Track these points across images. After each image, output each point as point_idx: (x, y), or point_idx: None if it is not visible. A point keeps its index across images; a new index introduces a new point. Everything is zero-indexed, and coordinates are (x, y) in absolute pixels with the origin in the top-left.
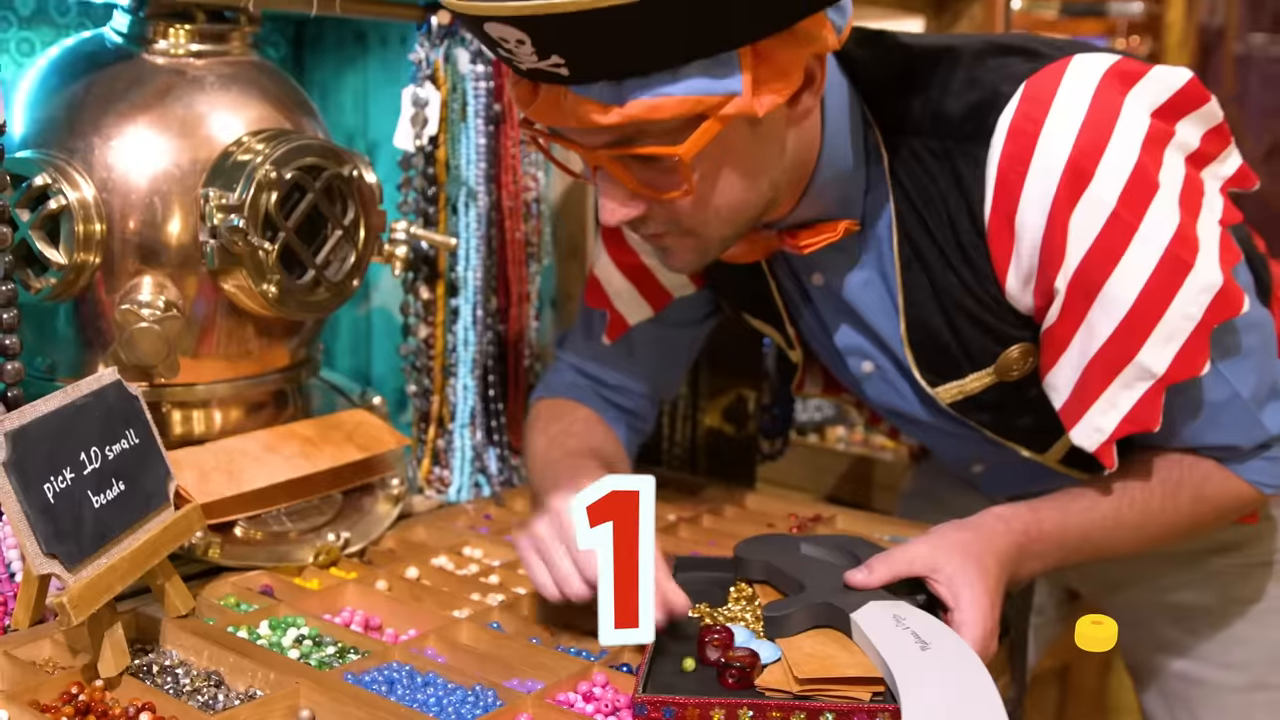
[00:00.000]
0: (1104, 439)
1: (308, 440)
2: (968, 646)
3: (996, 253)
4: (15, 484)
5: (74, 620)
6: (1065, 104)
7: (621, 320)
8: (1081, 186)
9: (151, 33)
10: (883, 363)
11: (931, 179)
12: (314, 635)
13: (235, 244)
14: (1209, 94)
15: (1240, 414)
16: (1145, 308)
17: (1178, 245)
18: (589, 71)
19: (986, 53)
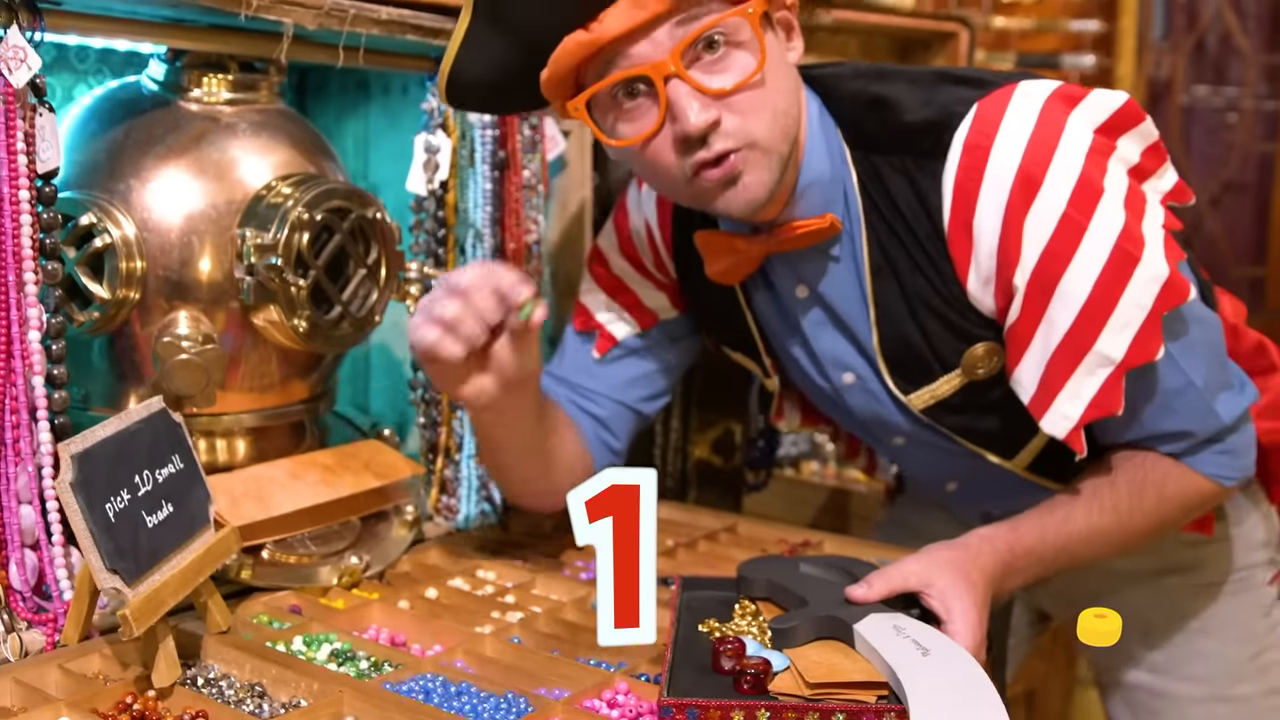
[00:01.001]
0: (1072, 425)
1: (328, 469)
2: (966, 652)
3: (957, 257)
4: (82, 503)
5: (135, 632)
6: (1014, 121)
7: (610, 336)
8: (1033, 193)
9: (186, 81)
10: (863, 372)
11: (895, 192)
12: (347, 650)
13: (272, 281)
14: (1145, 114)
15: (1194, 401)
16: (1100, 299)
17: (1125, 241)
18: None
19: (940, 79)
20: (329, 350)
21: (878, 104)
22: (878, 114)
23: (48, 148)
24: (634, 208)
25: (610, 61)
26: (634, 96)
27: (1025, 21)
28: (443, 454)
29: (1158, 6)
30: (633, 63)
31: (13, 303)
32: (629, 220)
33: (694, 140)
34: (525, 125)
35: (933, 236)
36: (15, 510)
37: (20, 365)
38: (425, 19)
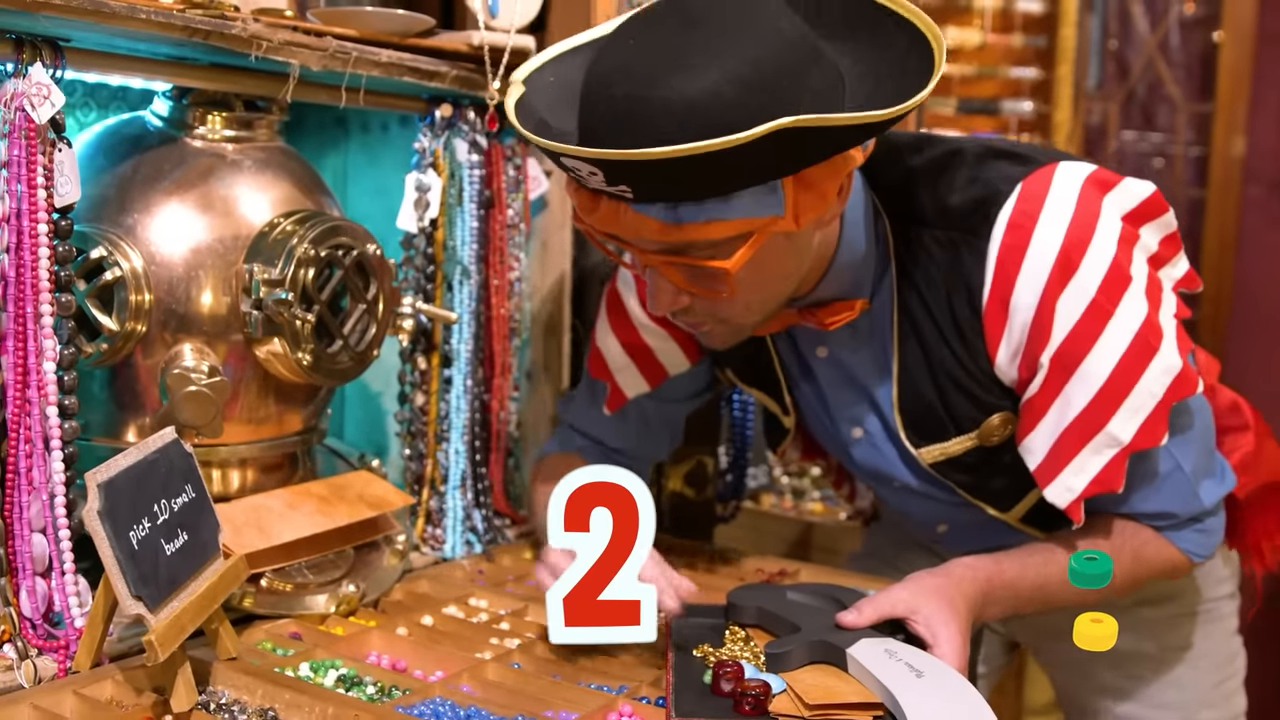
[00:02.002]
0: (1074, 497)
1: (323, 499)
2: (958, 673)
3: (990, 329)
4: (108, 531)
5: (160, 657)
6: (1056, 203)
7: (620, 393)
8: (1069, 275)
9: (192, 118)
10: (873, 428)
11: (934, 263)
12: (353, 675)
13: (280, 315)
14: (1168, 206)
15: (1181, 486)
16: (1117, 383)
17: (1146, 331)
18: (651, 196)
19: (984, 156)
20: (330, 383)
21: (926, 180)
22: (927, 190)
23: (66, 182)
24: None
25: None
26: None
27: (967, 68)
28: (428, 485)
29: (1093, 55)
30: (621, 234)
31: (30, 334)
32: None
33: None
34: (509, 166)
35: (968, 311)
36: (28, 538)
37: (37, 396)
38: (422, 62)
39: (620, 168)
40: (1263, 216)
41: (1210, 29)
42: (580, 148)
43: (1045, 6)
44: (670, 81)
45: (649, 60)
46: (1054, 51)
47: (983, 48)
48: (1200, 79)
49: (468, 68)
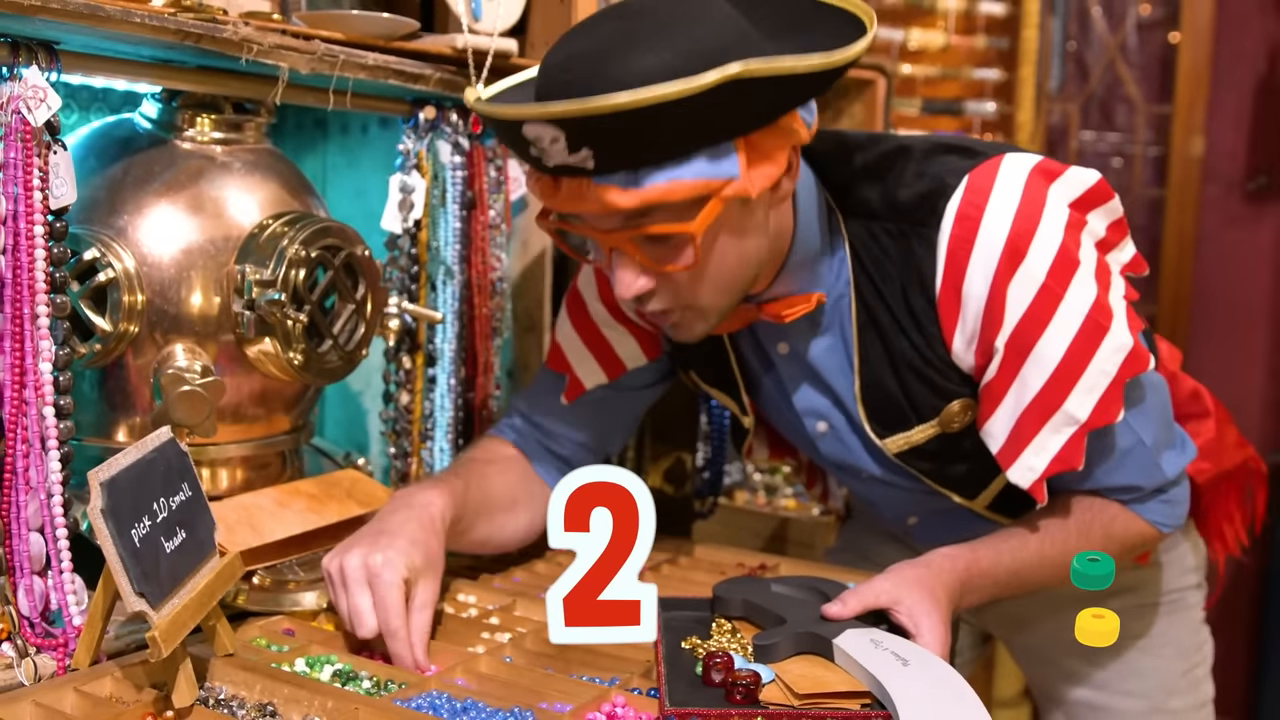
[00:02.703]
0: (1036, 477)
1: (313, 497)
2: (943, 661)
3: (945, 318)
4: (112, 529)
5: (164, 652)
6: (1002, 194)
7: (579, 384)
8: (1017, 262)
9: (181, 121)
10: (837, 422)
11: (887, 256)
12: (349, 670)
13: (272, 315)
14: (1113, 192)
15: (1143, 459)
16: (1070, 364)
17: (1096, 312)
18: (612, 162)
19: (932, 151)
20: (320, 382)
21: (875, 175)
22: (876, 185)
23: (61, 184)
24: None
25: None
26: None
27: (931, 69)
28: (413, 483)
29: (1055, 57)
30: (583, 223)
31: (27, 334)
32: None
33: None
34: (491, 167)
35: (923, 301)
36: (25, 538)
37: (34, 396)
38: (408, 65)
39: (583, 128)
40: (1221, 215)
41: (1168, 30)
42: (545, 105)
43: (1007, 9)
44: (623, 60)
45: (599, 46)
46: (1016, 53)
47: (946, 49)
48: (1159, 80)
49: (450, 70)
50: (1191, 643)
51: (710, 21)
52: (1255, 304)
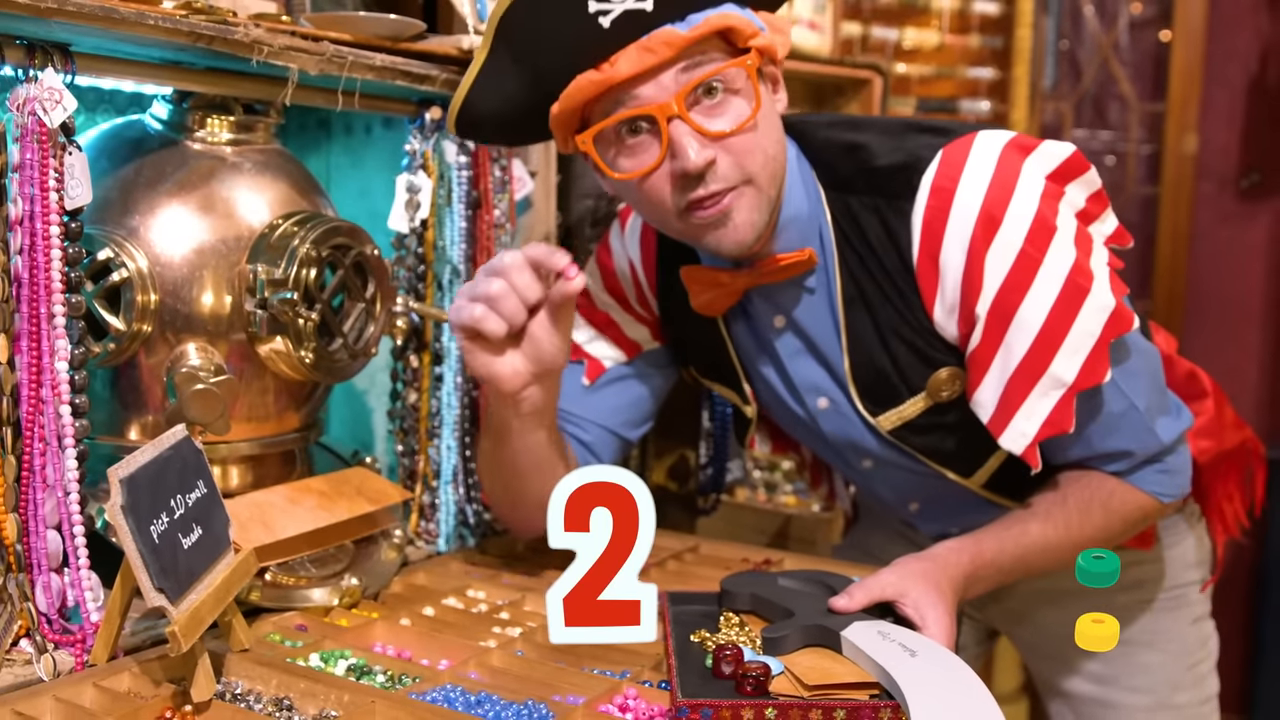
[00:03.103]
0: (1028, 442)
1: (323, 494)
2: (950, 652)
3: (924, 288)
4: (131, 525)
5: (183, 647)
6: (976, 166)
7: (598, 364)
8: (993, 231)
9: (192, 122)
10: (836, 396)
11: (865, 228)
12: (363, 665)
13: (285, 314)
14: (1089, 164)
15: (1136, 422)
16: (1053, 327)
17: (1076, 274)
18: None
19: (907, 129)
20: (330, 380)
21: (851, 149)
22: (851, 158)
23: (77, 185)
24: (617, 246)
25: (618, 101)
26: (637, 134)
27: (925, 68)
28: (421, 480)
29: (1049, 56)
30: (639, 103)
31: (44, 334)
32: (613, 258)
33: (692, 177)
34: (495, 166)
35: (901, 270)
36: (43, 535)
37: (50, 395)
38: (414, 65)
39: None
40: (1215, 212)
41: (1160, 28)
42: None
43: (1002, 8)
44: None
45: None
46: (1010, 52)
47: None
48: (1152, 78)
49: (455, 70)
50: (1196, 638)
51: None
52: (1249, 300)
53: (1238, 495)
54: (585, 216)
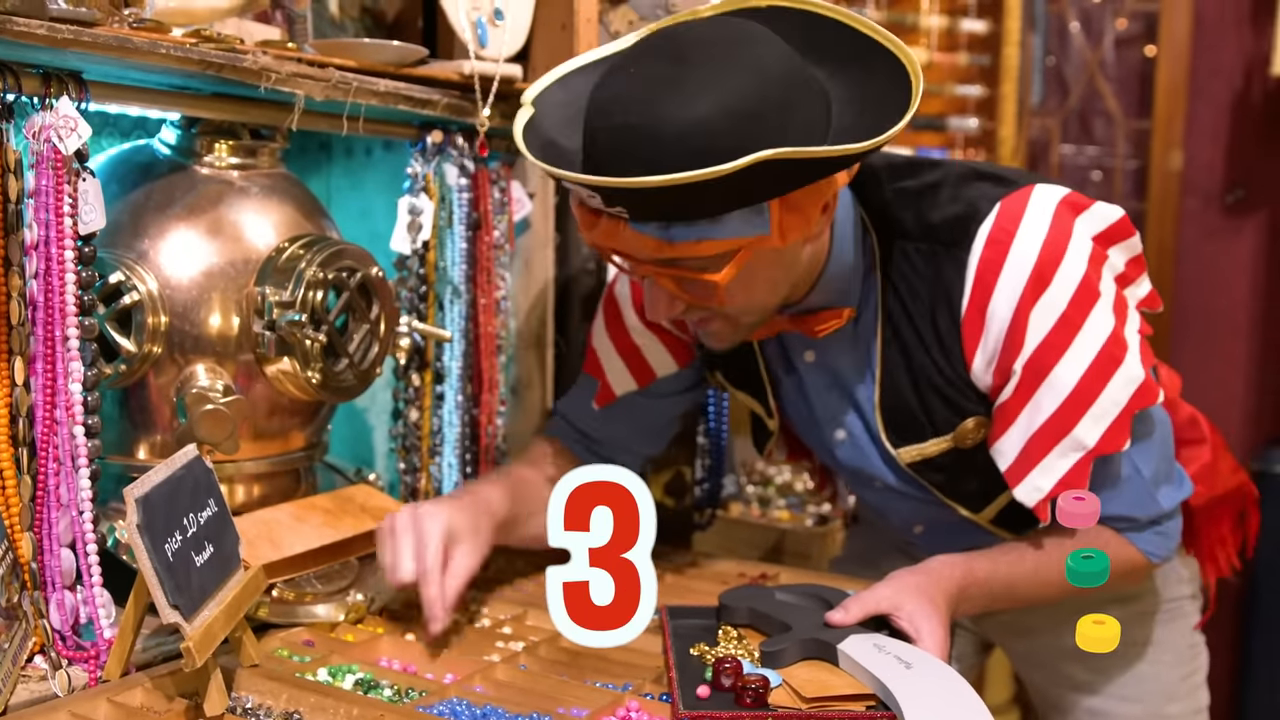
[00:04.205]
0: (1042, 497)
1: (328, 512)
2: (944, 664)
3: (968, 337)
4: (147, 543)
5: (197, 662)
6: (1032, 222)
7: (609, 390)
8: (1042, 288)
9: (200, 147)
10: (856, 430)
11: (918, 275)
12: (370, 679)
13: (293, 335)
14: (1134, 230)
15: (1139, 490)
16: (1083, 391)
17: (1112, 344)
18: (645, 218)
19: (966, 176)
20: (336, 400)
21: (911, 198)
22: (911, 207)
23: (90, 210)
24: None
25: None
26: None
27: None
28: (423, 497)
29: (1036, 73)
30: (620, 249)
31: (58, 356)
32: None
33: None
34: (495, 189)
35: (948, 316)
36: (57, 553)
37: (65, 416)
38: (416, 90)
39: (616, 193)
40: (1200, 228)
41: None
42: (579, 175)
43: (989, 26)
44: (663, 111)
45: (645, 90)
46: (998, 70)
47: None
48: (1137, 94)
49: (457, 95)
50: (1188, 650)
51: (759, 65)
52: (1234, 315)
53: (1230, 539)
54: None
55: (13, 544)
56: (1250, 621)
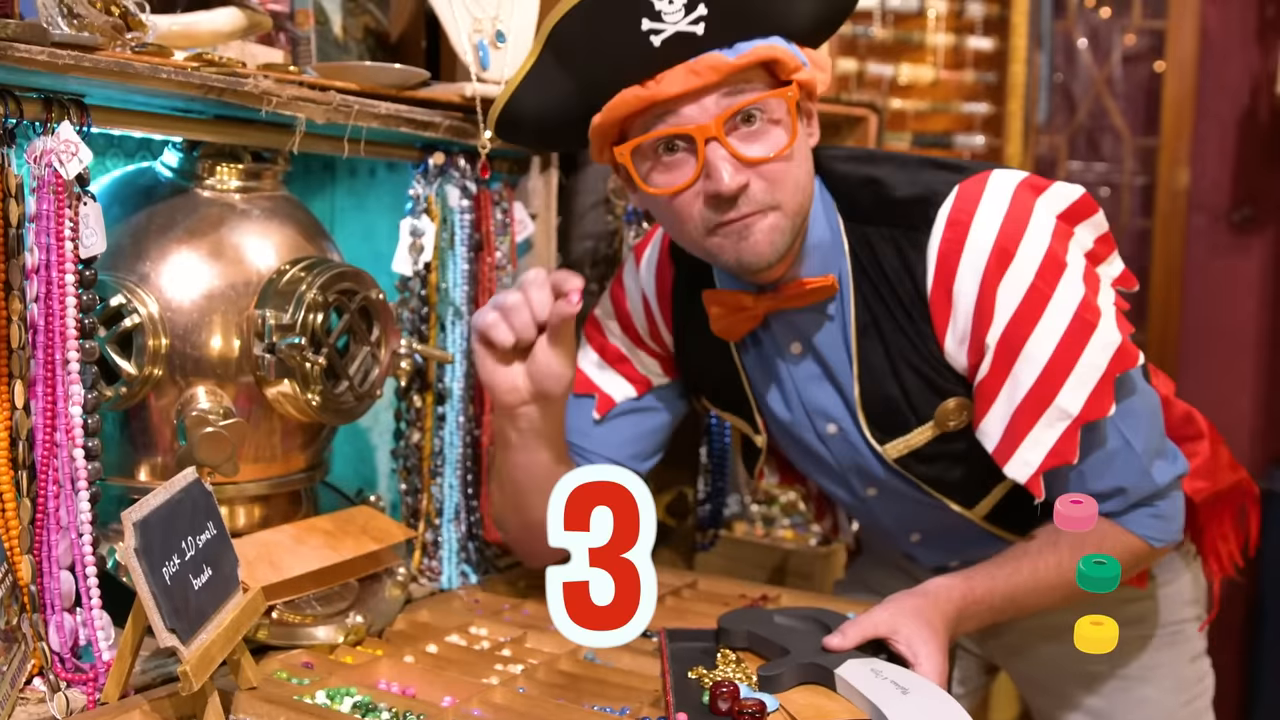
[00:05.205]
0: (1033, 471)
1: (329, 533)
2: (941, 689)
3: (937, 318)
4: (145, 567)
5: (194, 686)
6: (990, 201)
7: (609, 399)
8: (1006, 263)
9: (201, 170)
10: (846, 424)
11: (881, 258)
12: (368, 702)
13: (293, 358)
14: (1098, 206)
15: (1131, 461)
16: (1060, 360)
17: (1084, 310)
18: (719, 25)
19: (922, 164)
20: (336, 422)
21: (870, 182)
22: (870, 190)
23: (91, 234)
24: (630, 283)
25: (659, 117)
26: (673, 151)
27: (921, 103)
28: (424, 519)
29: (1042, 90)
30: (680, 121)
31: (58, 379)
32: (625, 294)
33: (724, 199)
34: (497, 210)
35: (916, 299)
36: (57, 575)
37: (65, 439)
38: (418, 113)
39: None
40: (1207, 245)
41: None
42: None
43: (995, 44)
44: None
45: None
46: (1004, 87)
47: (936, 84)
48: (1144, 112)
49: (459, 117)
50: (1192, 674)
51: None
52: (1242, 332)
53: (1233, 535)
54: (585, 258)
55: (12, 566)
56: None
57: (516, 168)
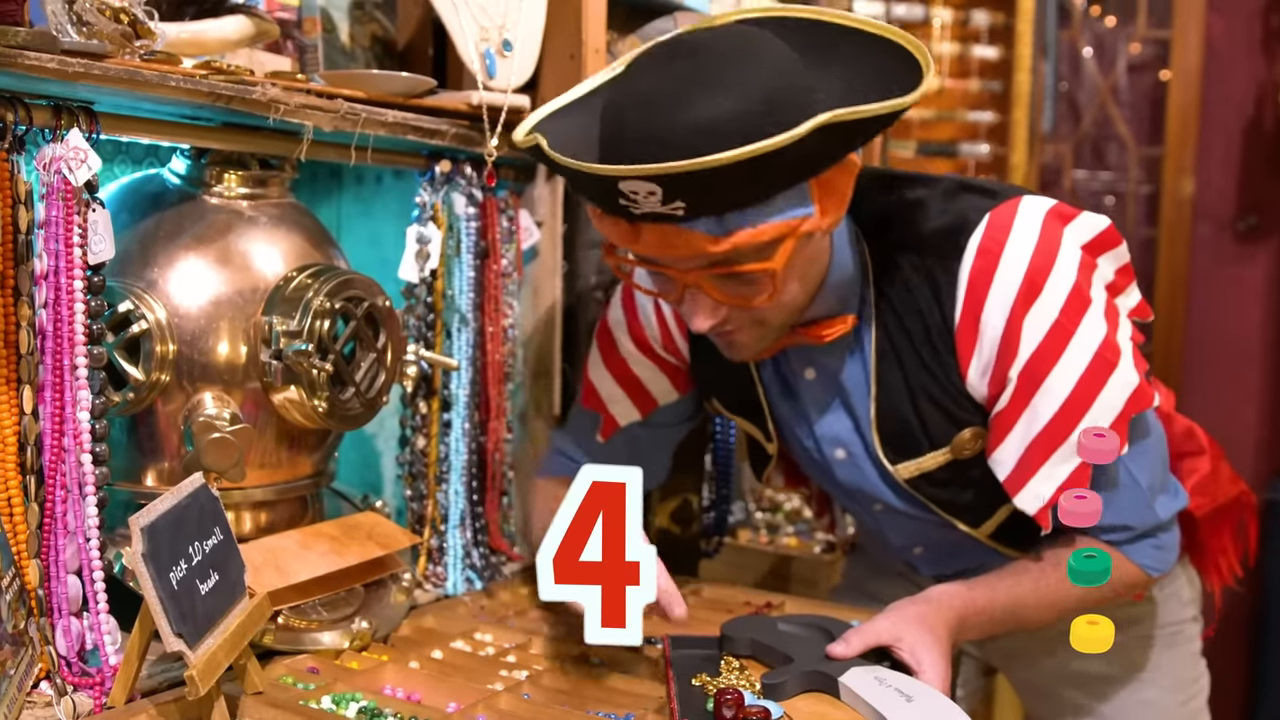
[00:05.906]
0: (1042, 504)
1: (335, 539)
2: (945, 696)
3: (962, 347)
4: (151, 572)
5: (201, 691)
6: (1021, 231)
7: (614, 421)
8: (1034, 297)
9: (209, 177)
10: (855, 449)
11: (910, 286)
12: (373, 707)
13: (299, 364)
14: (1122, 238)
15: (1137, 499)
16: (1079, 397)
17: (1105, 349)
18: (702, 210)
19: (954, 190)
20: (342, 428)
21: (902, 210)
22: (902, 219)
23: (100, 240)
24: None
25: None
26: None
27: (926, 112)
28: (429, 525)
29: (1048, 99)
30: (660, 264)
31: (67, 385)
32: (637, 304)
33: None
34: (503, 218)
35: (942, 328)
36: (64, 580)
37: (72, 444)
38: (425, 121)
39: (680, 181)
40: (1212, 255)
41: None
42: (648, 166)
43: (1000, 52)
44: (709, 98)
45: (680, 85)
46: (1009, 96)
47: (941, 92)
48: (1149, 121)
49: (465, 125)
50: (1189, 675)
51: (769, 58)
52: (1247, 342)
53: (1232, 548)
54: (591, 265)
55: (20, 571)
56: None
57: (522, 175)
